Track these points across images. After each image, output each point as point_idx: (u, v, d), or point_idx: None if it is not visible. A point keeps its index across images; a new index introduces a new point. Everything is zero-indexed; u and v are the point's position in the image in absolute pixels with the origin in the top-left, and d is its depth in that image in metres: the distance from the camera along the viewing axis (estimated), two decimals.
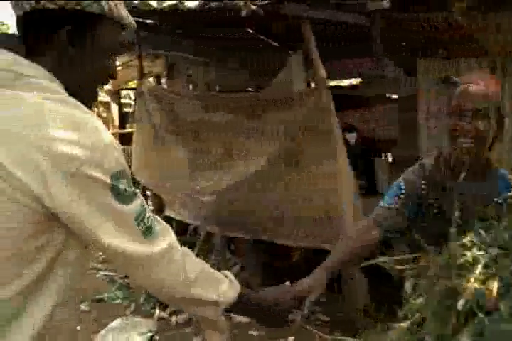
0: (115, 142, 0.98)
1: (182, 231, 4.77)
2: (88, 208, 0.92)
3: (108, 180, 0.93)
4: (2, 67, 0.92)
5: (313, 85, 3.98)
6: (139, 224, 1.00)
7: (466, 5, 3.65)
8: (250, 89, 6.17)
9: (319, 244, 3.51)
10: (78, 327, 3.83)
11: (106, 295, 4.60)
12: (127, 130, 6.83)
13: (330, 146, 3.37)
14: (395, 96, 4.83)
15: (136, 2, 4.95)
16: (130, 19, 1.09)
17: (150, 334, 3.60)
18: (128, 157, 5.33)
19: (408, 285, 1.20)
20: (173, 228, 1.19)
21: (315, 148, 3.45)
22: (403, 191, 1.68)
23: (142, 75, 5.14)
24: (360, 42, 4.64)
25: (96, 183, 0.92)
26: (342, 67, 5.05)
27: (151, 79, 7.08)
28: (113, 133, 7.43)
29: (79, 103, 0.96)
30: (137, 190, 1.04)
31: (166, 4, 4.68)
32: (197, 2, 4.56)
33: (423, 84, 4.23)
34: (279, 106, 3.75)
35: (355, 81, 6.52)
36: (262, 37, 5.58)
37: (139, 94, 5.05)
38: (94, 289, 4.72)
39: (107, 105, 7.61)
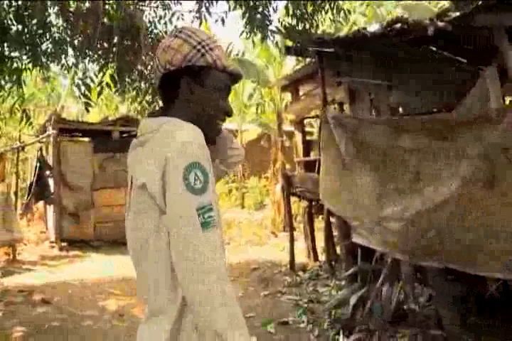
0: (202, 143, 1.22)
1: (367, 258, 4.68)
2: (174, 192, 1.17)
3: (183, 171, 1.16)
4: (150, 125, 1.32)
5: (508, 101, 3.64)
6: (203, 215, 1.15)
7: None
8: (435, 110, 5.88)
9: None
10: None
11: (291, 318, 4.71)
12: (311, 157, 7.02)
13: None
14: None
15: (319, 33, 5.18)
16: (233, 67, 1.38)
17: None
18: (314, 185, 5.49)
19: None
20: (358, 255, 1.21)
21: None
22: None
23: (325, 103, 5.28)
24: None
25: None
26: None
27: (334, 106, 7.24)
28: (298, 161, 7.71)
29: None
30: (210, 187, 1.19)
31: (345, 32, 4.82)
32: (377, 26, 4.58)
33: None
34: (473, 125, 3.50)
35: None
36: (447, 54, 5.34)
37: (323, 121, 5.18)
38: (279, 312, 4.88)
39: (290, 134, 7.95)
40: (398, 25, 4.00)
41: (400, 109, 6.08)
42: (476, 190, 3.35)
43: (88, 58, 5.47)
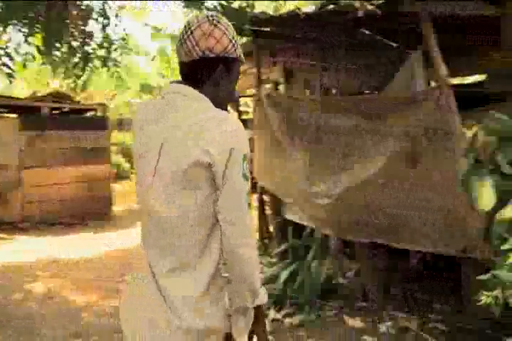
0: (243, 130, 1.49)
1: (299, 235, 4.81)
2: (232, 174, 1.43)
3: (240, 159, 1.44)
4: (184, 92, 1.53)
5: (433, 84, 3.81)
6: (247, 196, 1.46)
7: None
8: (367, 91, 6.06)
9: (441, 249, 3.34)
10: None
11: None
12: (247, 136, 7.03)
13: (451, 147, 3.20)
14: None
15: (255, 12, 5.15)
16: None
17: None
18: (250, 163, 5.51)
19: None
20: (289, 231, 1.29)
21: (435, 149, 3.30)
22: None
23: (260, 82, 5.30)
24: (486, 34, 4.35)
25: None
26: (466, 64, 4.76)
27: (268, 86, 7.28)
28: None
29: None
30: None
31: (283, 11, 4.82)
32: (314, 7, 4.62)
33: None
34: (398, 106, 3.65)
35: (480, 77, 6.11)
36: (379, 38, 5.49)
37: (257, 100, 5.21)
38: None
39: None
40: (331, 6, 4.05)
41: (333, 90, 6.22)
42: (401, 167, 3.52)
43: (12, 27, 5.16)
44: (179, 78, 1.61)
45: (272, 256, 5.39)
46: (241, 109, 7.60)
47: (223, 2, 6.03)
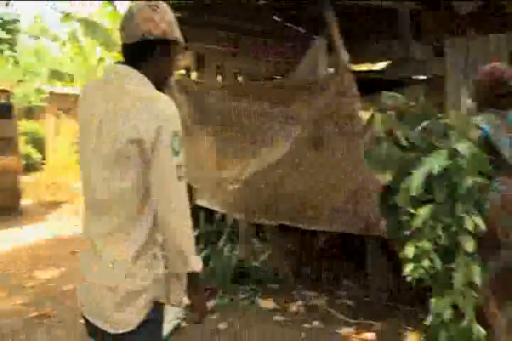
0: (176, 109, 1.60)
1: (210, 220, 4.82)
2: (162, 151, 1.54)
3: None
4: (123, 72, 1.64)
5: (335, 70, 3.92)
6: (178, 169, 1.56)
7: None
8: (278, 77, 6.14)
9: (344, 228, 3.48)
10: None
11: None
12: None
13: (354, 130, 3.33)
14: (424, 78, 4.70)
15: None
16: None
17: (177, 321, 3.63)
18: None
19: None
20: (200, 217, 1.29)
21: (338, 133, 3.41)
22: None
23: None
24: (387, 24, 4.55)
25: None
26: (369, 51, 4.95)
27: (181, 72, 7.16)
28: None
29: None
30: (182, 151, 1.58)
31: None
32: None
33: (451, 64, 4.12)
34: (303, 91, 3.73)
35: (383, 64, 6.39)
36: (288, 24, 5.57)
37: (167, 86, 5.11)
38: None
39: None
40: None
41: (245, 76, 6.25)
42: (306, 151, 3.61)
43: None
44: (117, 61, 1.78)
45: None
46: None
47: None
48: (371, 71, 5.53)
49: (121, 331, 1.59)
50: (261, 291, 4.21)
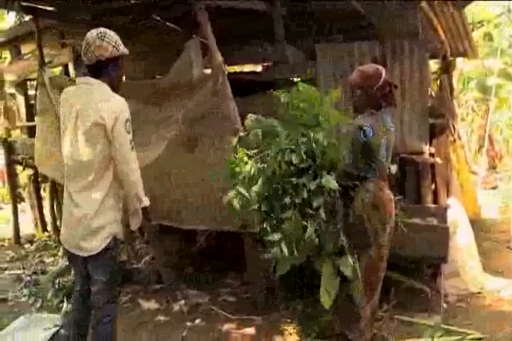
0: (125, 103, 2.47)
1: None
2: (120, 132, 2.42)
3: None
4: (90, 82, 2.49)
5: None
6: (130, 143, 2.45)
7: None
8: (159, 76, 6.09)
9: (221, 226, 3.55)
10: None
11: (11, 294, 4.43)
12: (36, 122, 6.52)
13: (226, 132, 3.40)
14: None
15: None
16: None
17: (55, 329, 3.50)
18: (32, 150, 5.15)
19: None
20: None
21: (212, 134, 3.47)
22: None
23: (43, 64, 4.93)
24: (262, 28, 4.69)
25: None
26: (245, 53, 5.09)
27: (58, 69, 6.84)
28: (21, 127, 7.10)
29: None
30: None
31: None
32: None
33: (321, 67, 4.37)
34: (177, 92, 3.74)
35: (259, 66, 6.60)
36: (168, 24, 5.54)
37: (40, 83, 4.85)
38: None
39: (14, 97, 7.27)
40: None
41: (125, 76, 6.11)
42: (180, 152, 3.62)
43: None
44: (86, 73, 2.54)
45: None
46: (30, 92, 6.97)
47: None
48: (250, 72, 5.68)
49: (90, 254, 2.46)
50: (143, 292, 4.18)
